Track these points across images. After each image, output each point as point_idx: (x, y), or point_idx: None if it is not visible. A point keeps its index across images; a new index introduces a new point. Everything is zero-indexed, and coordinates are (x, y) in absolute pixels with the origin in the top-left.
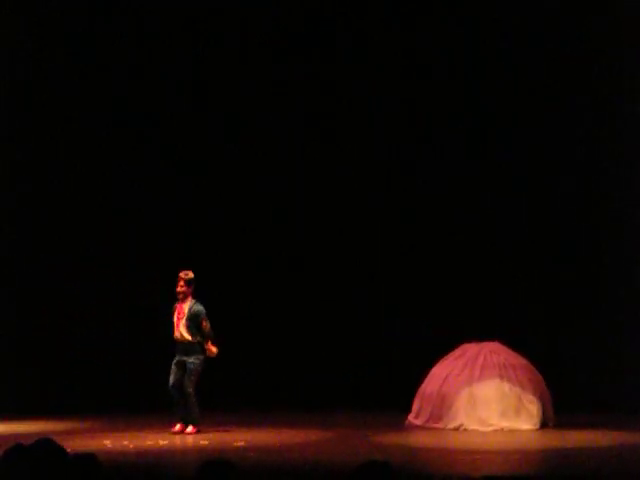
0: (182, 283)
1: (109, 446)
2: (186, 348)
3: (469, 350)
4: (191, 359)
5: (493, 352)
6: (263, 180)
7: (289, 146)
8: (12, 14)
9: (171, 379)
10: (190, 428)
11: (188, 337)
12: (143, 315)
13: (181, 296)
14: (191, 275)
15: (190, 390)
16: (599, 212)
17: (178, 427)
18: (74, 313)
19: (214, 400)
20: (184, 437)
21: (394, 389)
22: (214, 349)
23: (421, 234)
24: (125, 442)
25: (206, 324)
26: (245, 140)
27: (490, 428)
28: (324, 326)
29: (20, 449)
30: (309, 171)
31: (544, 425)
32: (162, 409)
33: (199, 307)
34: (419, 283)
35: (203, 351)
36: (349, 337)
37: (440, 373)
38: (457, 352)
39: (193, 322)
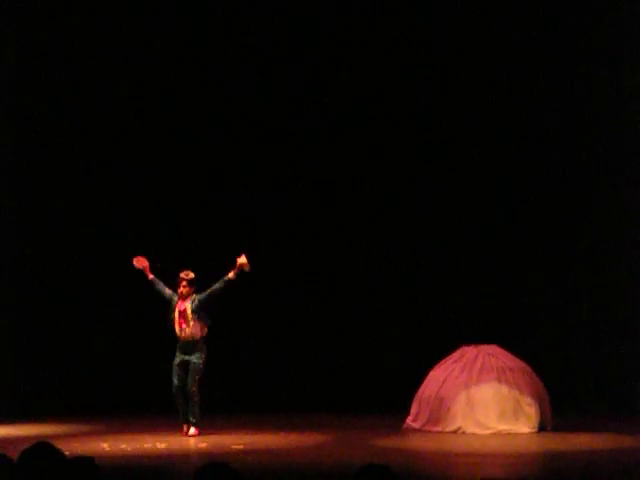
0: (184, 284)
1: (107, 449)
2: (190, 346)
3: (467, 353)
4: (194, 357)
5: (491, 355)
6: (263, 180)
7: (291, 148)
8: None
9: (175, 381)
10: (193, 430)
11: (197, 334)
12: (142, 317)
13: (183, 297)
14: (192, 275)
15: (194, 389)
16: (598, 213)
17: (185, 430)
18: (73, 315)
19: (213, 403)
20: (183, 440)
21: (392, 392)
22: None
23: (420, 238)
24: (123, 445)
25: (210, 290)
26: (245, 141)
27: (488, 431)
28: (323, 329)
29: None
30: (308, 172)
31: (542, 428)
32: (161, 412)
33: (195, 295)
34: (417, 286)
35: (206, 349)
36: (347, 340)
37: (438, 376)
38: (455, 355)
39: (202, 308)
